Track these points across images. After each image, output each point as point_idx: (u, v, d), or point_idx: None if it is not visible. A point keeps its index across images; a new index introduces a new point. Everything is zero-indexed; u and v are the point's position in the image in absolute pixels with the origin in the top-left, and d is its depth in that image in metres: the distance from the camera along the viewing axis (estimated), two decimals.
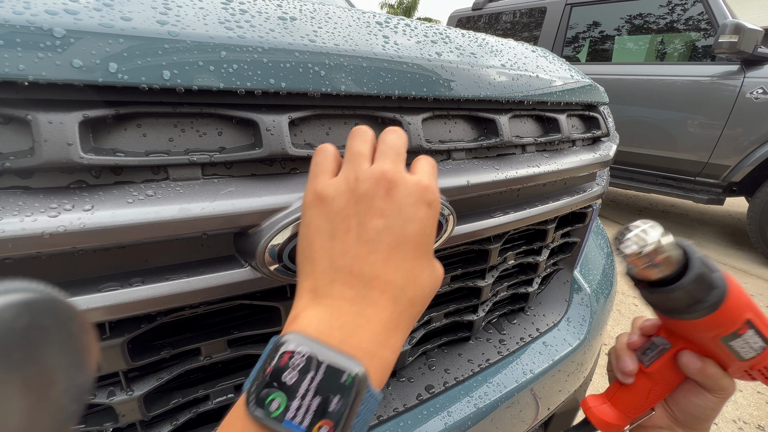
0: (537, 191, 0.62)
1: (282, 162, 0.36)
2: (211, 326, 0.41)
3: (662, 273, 0.35)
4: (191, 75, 0.29)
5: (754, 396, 1.48)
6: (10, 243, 0.24)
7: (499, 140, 0.50)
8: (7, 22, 0.24)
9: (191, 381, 0.42)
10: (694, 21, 2.93)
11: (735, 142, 2.68)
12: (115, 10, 0.28)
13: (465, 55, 0.50)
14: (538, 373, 0.61)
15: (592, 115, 0.71)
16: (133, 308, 0.30)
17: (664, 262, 0.34)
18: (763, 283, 2.47)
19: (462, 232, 0.48)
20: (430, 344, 0.60)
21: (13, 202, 0.25)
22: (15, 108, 0.25)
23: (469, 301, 0.62)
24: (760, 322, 0.35)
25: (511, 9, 4.05)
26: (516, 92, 0.52)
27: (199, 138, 0.32)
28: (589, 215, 0.77)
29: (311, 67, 0.35)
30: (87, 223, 0.26)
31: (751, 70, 2.61)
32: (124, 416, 0.35)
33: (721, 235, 3.34)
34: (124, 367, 0.33)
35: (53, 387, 0.16)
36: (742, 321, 0.34)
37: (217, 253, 0.35)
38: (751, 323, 0.35)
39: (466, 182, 0.45)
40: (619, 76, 3.16)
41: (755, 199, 2.73)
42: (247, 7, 0.36)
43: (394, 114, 0.41)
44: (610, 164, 0.72)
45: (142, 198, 0.29)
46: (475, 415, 0.53)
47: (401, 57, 0.41)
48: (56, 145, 0.26)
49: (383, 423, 0.49)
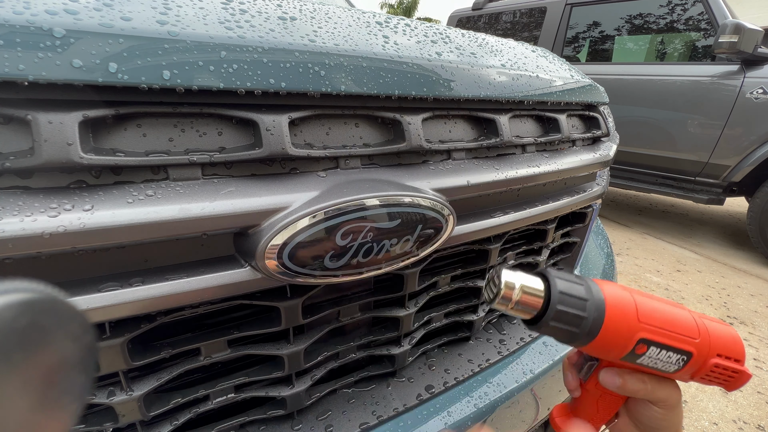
0: (537, 191, 0.62)
1: (282, 162, 0.36)
2: (211, 326, 0.41)
3: (529, 312, 0.34)
4: (191, 75, 0.29)
5: (754, 396, 1.48)
6: (10, 243, 0.24)
7: (499, 140, 0.50)
8: (7, 22, 0.24)
9: (191, 381, 0.42)
10: (694, 21, 2.94)
11: (735, 142, 2.68)
12: (115, 10, 0.28)
13: (465, 55, 0.50)
14: (538, 373, 0.61)
15: (592, 115, 0.71)
16: (133, 308, 0.30)
17: (523, 303, 0.33)
18: (763, 283, 2.47)
19: (462, 232, 0.48)
20: (430, 344, 0.60)
21: (13, 202, 0.25)
22: (15, 108, 0.25)
23: (469, 301, 0.62)
24: (666, 337, 0.33)
25: (511, 9, 4.05)
26: (516, 92, 0.52)
27: (199, 138, 0.32)
28: (589, 215, 0.77)
29: (311, 67, 0.35)
30: (87, 223, 0.26)
31: (751, 70, 2.61)
32: (124, 416, 0.35)
33: (721, 235, 3.34)
34: (124, 367, 0.33)
35: (53, 387, 0.16)
36: (634, 342, 0.32)
37: (217, 253, 0.35)
38: (648, 341, 0.32)
39: (466, 182, 0.45)
40: (619, 76, 3.16)
41: (755, 199, 2.73)
42: (247, 7, 0.36)
43: (394, 114, 0.41)
44: (610, 164, 0.72)
45: (142, 198, 0.29)
46: (475, 415, 0.53)
47: (401, 57, 0.41)
48: (56, 145, 0.25)
49: (383, 423, 0.49)
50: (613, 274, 0.91)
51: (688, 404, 1.47)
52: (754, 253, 2.92)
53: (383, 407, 0.51)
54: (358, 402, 0.51)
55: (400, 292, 0.50)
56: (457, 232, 0.47)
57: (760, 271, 2.64)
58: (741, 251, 2.98)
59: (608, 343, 0.33)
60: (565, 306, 0.33)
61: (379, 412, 0.50)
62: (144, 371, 0.37)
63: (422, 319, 0.56)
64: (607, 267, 0.91)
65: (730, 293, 2.34)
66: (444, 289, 0.57)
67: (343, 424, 0.48)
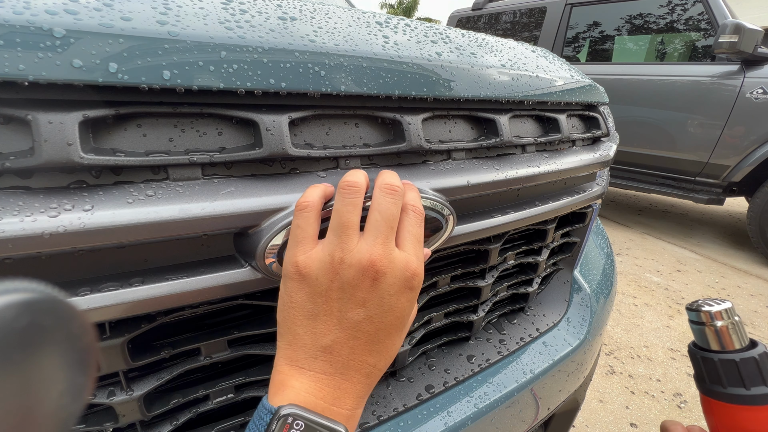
0: (537, 191, 0.62)
1: (282, 162, 0.36)
2: (211, 326, 0.41)
3: (734, 342, 0.37)
4: (191, 75, 0.29)
5: None
6: (10, 243, 0.24)
7: (499, 140, 0.50)
8: (7, 22, 0.24)
9: (191, 381, 0.42)
10: (694, 21, 2.94)
11: (735, 142, 2.69)
12: (115, 10, 0.28)
13: (465, 55, 0.50)
14: (538, 373, 0.61)
15: (592, 115, 0.71)
16: (133, 308, 0.30)
17: (739, 332, 0.37)
18: (763, 283, 2.47)
19: (462, 232, 0.48)
20: (430, 344, 0.60)
21: (13, 202, 0.25)
22: (15, 108, 0.25)
23: (469, 301, 0.62)
24: None
25: (511, 9, 4.05)
26: (516, 92, 0.52)
27: (199, 138, 0.32)
28: (589, 215, 0.77)
29: (311, 67, 0.35)
30: (87, 223, 0.26)
31: (751, 70, 2.61)
32: (124, 416, 0.35)
33: (721, 235, 3.34)
34: (124, 367, 0.33)
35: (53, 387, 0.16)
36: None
37: (217, 253, 0.35)
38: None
39: (466, 182, 0.45)
40: (619, 76, 3.16)
41: (755, 199, 2.73)
42: (247, 7, 0.36)
43: (394, 114, 0.41)
44: (610, 164, 0.72)
45: (142, 198, 0.29)
46: (475, 415, 0.53)
47: (401, 57, 0.41)
48: (56, 145, 0.25)
49: (383, 423, 0.49)
50: (613, 274, 0.91)
51: (688, 404, 1.47)
52: (754, 253, 2.92)
53: (383, 407, 0.51)
54: None
55: None
56: (457, 231, 0.47)
57: (760, 271, 2.64)
58: (741, 251, 2.98)
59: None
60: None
61: (379, 412, 0.50)
62: (144, 371, 0.37)
63: (422, 319, 0.56)
64: (607, 267, 0.91)
65: (730, 293, 2.34)
66: (444, 289, 0.57)
67: None
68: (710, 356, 0.38)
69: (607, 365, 1.66)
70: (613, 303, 0.87)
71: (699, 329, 0.39)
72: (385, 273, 0.29)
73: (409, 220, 0.33)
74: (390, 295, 0.30)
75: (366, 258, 0.29)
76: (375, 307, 0.30)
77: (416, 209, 0.34)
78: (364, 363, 0.30)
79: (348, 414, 0.29)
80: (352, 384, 0.30)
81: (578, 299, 0.78)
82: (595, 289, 0.82)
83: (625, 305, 2.15)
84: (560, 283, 0.82)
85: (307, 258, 0.30)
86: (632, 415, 1.41)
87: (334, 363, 0.30)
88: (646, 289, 2.34)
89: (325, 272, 0.29)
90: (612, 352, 1.76)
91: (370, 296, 0.30)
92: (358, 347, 0.30)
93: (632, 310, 2.11)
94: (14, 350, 0.14)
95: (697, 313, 0.39)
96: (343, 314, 0.30)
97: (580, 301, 0.78)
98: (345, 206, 0.31)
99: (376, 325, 0.30)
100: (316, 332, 0.30)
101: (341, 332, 0.30)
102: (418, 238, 0.33)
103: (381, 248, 0.30)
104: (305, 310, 0.30)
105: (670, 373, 1.63)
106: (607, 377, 1.59)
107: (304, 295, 0.30)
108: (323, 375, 0.29)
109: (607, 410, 1.43)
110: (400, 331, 0.32)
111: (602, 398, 1.48)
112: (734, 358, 0.36)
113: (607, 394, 1.51)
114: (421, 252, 0.32)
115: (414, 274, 0.31)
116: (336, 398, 0.29)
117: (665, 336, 1.88)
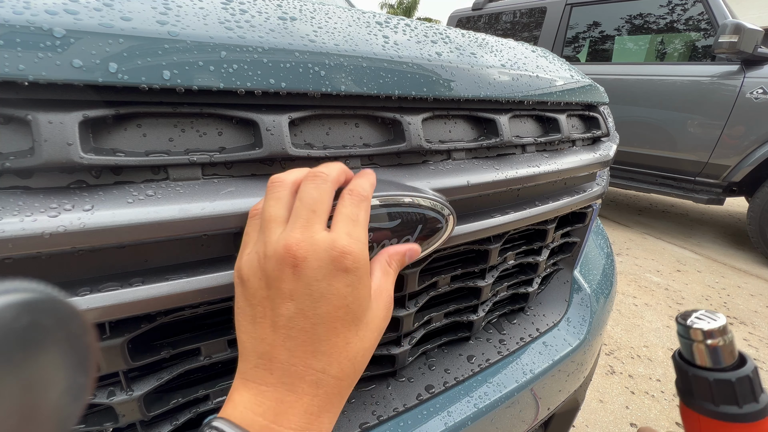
0: (537, 191, 0.62)
1: (282, 162, 0.36)
2: (211, 326, 0.41)
3: (725, 359, 0.36)
4: (191, 75, 0.29)
5: None
6: (10, 243, 0.24)
7: (499, 140, 0.50)
8: (7, 22, 0.24)
9: (191, 381, 0.42)
10: (694, 21, 2.94)
11: (735, 142, 2.69)
12: (115, 10, 0.28)
13: (465, 55, 0.50)
14: (538, 373, 0.61)
15: (592, 115, 0.71)
16: (133, 308, 0.30)
17: (730, 347, 0.36)
18: (763, 283, 2.47)
19: (462, 232, 0.48)
20: (430, 344, 0.60)
21: (13, 202, 0.25)
22: (15, 108, 0.25)
23: (469, 301, 0.62)
24: None
25: (511, 9, 4.05)
26: (516, 92, 0.52)
27: (199, 138, 0.32)
28: (589, 215, 0.77)
29: (311, 67, 0.35)
30: (87, 223, 0.26)
31: (751, 70, 2.61)
32: (124, 416, 0.35)
33: (721, 235, 3.34)
34: (124, 367, 0.33)
35: (53, 387, 0.16)
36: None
37: (217, 253, 0.35)
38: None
39: (466, 182, 0.45)
40: (619, 76, 3.16)
41: (755, 199, 2.73)
42: (247, 7, 0.36)
43: (394, 114, 0.41)
44: (610, 164, 0.72)
45: (142, 198, 0.29)
46: (475, 415, 0.53)
47: (401, 57, 0.41)
48: (56, 145, 0.25)
49: (383, 423, 0.49)
50: (613, 274, 0.91)
51: None
52: (754, 253, 2.92)
53: (383, 407, 0.51)
54: (358, 402, 0.51)
55: (401, 292, 0.50)
56: (457, 232, 0.47)
57: (760, 271, 2.64)
58: (741, 251, 2.98)
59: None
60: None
61: (379, 412, 0.50)
62: (144, 371, 0.37)
63: (422, 319, 0.56)
64: (607, 267, 0.91)
65: (730, 293, 2.34)
66: (444, 289, 0.57)
67: (343, 423, 0.48)
68: (704, 375, 0.36)
69: (607, 365, 1.67)
70: (613, 303, 0.87)
71: (688, 344, 0.38)
72: (306, 257, 0.26)
73: (343, 202, 0.30)
74: (317, 281, 0.26)
75: (282, 245, 0.27)
76: (304, 297, 0.26)
77: (353, 192, 0.31)
78: (308, 368, 0.26)
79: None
80: (297, 396, 0.26)
81: (578, 299, 0.78)
82: (595, 289, 0.82)
83: (625, 305, 2.15)
84: (560, 283, 0.82)
85: (241, 261, 0.29)
86: (632, 415, 1.41)
87: (273, 371, 0.26)
88: (646, 289, 2.34)
89: (254, 271, 0.28)
90: (612, 352, 1.76)
91: (296, 286, 0.26)
92: (296, 348, 0.26)
93: (632, 310, 2.11)
94: (14, 350, 0.14)
95: (688, 329, 0.38)
96: (275, 312, 0.27)
97: (580, 301, 0.78)
98: (267, 201, 0.30)
99: (310, 318, 0.27)
100: (255, 337, 0.27)
101: (275, 333, 0.27)
102: (352, 218, 0.29)
103: (299, 233, 0.27)
104: (247, 316, 0.28)
105: (670, 373, 1.63)
106: (607, 377, 1.60)
107: (244, 300, 0.29)
108: (264, 386, 0.26)
109: (607, 410, 1.43)
110: (349, 325, 0.28)
111: (602, 398, 1.49)
112: (730, 378, 0.35)
113: (607, 394, 1.51)
114: (357, 230, 0.29)
115: (342, 253, 0.27)
116: (278, 414, 0.25)
117: (665, 336, 1.88)
